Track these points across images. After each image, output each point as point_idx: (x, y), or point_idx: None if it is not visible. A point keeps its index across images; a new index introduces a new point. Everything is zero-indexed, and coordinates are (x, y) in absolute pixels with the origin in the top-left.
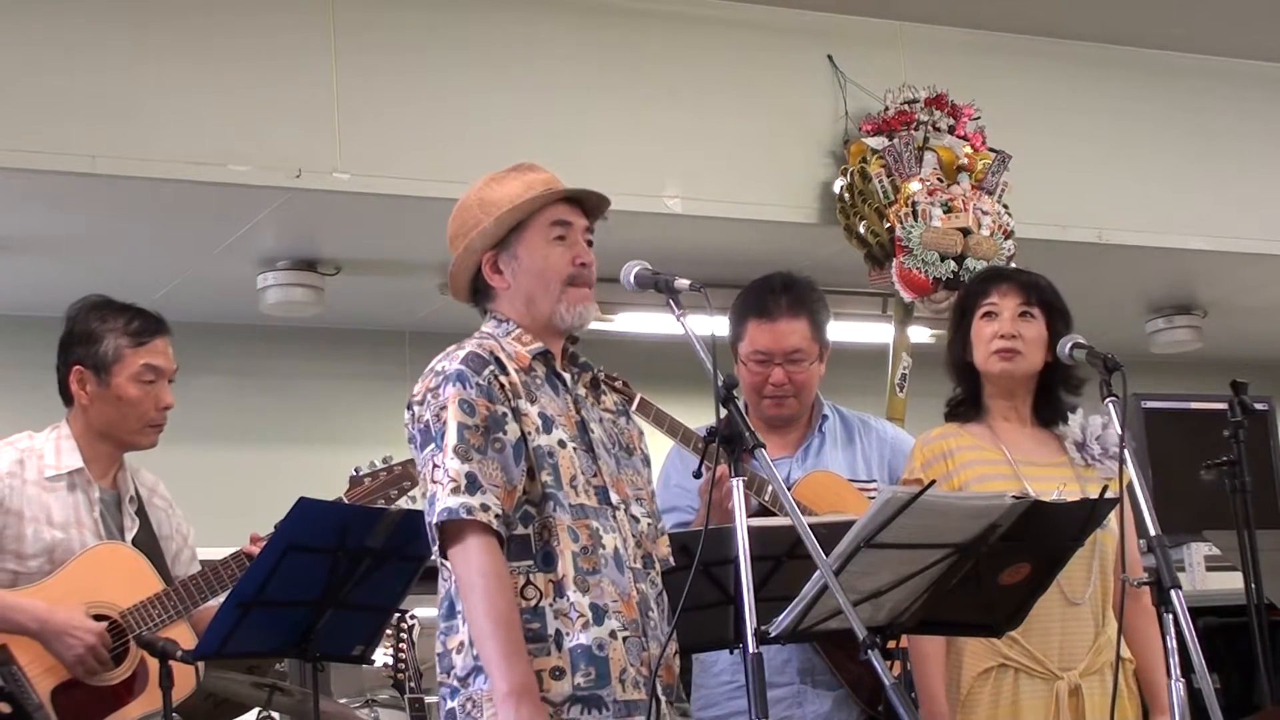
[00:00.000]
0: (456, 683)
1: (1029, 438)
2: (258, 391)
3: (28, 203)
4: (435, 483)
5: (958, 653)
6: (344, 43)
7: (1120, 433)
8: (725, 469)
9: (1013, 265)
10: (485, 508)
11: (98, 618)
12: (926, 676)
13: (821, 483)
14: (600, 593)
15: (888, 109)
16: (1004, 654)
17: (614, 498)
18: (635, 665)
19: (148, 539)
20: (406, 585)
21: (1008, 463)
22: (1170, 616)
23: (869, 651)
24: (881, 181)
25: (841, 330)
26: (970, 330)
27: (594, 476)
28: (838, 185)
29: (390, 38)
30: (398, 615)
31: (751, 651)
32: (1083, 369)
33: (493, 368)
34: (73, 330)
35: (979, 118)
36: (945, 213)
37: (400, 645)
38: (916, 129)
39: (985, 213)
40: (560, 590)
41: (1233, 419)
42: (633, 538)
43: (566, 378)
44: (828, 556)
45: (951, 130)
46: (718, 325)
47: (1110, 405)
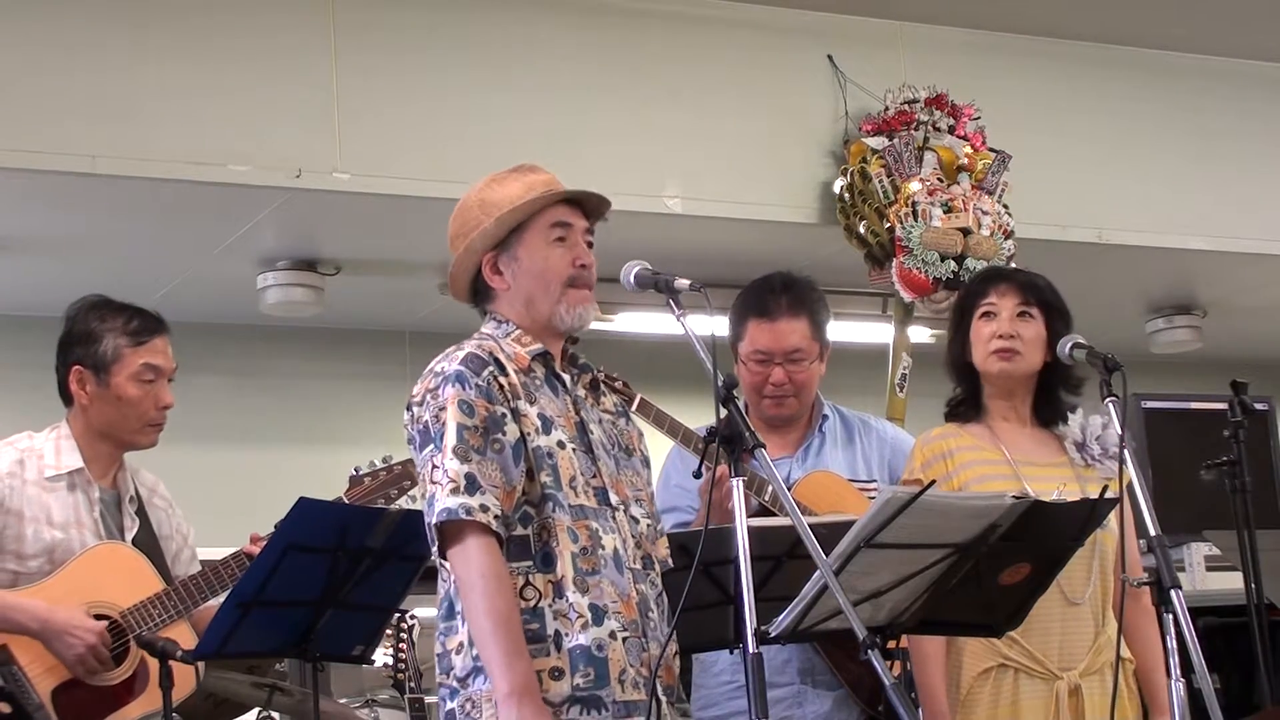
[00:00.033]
0: (456, 683)
1: (1029, 438)
2: (258, 391)
3: (28, 203)
4: (434, 483)
5: (957, 653)
6: (344, 43)
7: (1120, 433)
8: (725, 469)
9: (1013, 265)
10: (484, 508)
11: (98, 617)
12: (927, 676)
13: (821, 483)
14: (600, 593)
15: (888, 109)
16: (1004, 654)
17: (613, 499)
18: (635, 666)
19: (148, 539)
20: (406, 585)
21: (1007, 463)
22: (1170, 616)
23: (869, 651)
24: (881, 181)
25: (841, 330)
26: (969, 330)
27: (593, 477)
28: (838, 185)
29: (390, 38)
30: (398, 615)
31: (751, 651)
32: (1082, 369)
33: (492, 369)
34: (72, 330)
35: (979, 118)
36: (945, 213)
37: (400, 645)
38: (916, 129)
39: (985, 213)
40: (559, 591)
41: (1233, 419)
42: (632, 539)
43: (566, 379)
44: (828, 556)
45: (951, 130)
46: (718, 325)
47: (1110, 405)
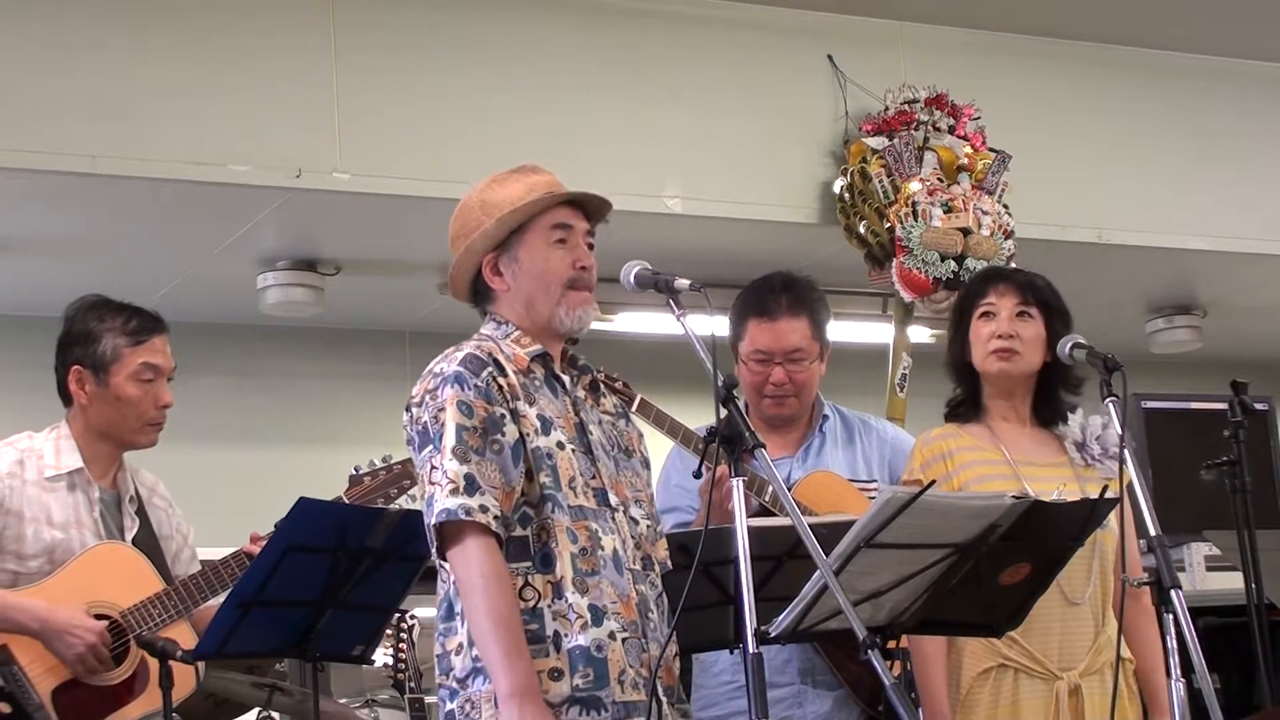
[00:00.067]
0: (455, 684)
1: (1028, 438)
2: (258, 391)
3: (28, 203)
4: (433, 484)
5: (957, 653)
6: (344, 43)
7: (1120, 433)
8: (725, 469)
9: (1013, 265)
10: (484, 509)
11: (98, 617)
12: (927, 676)
13: (822, 483)
14: (599, 594)
15: (888, 109)
16: (1004, 654)
17: (613, 499)
18: (635, 667)
19: (148, 539)
20: (406, 585)
21: (1007, 463)
22: (1170, 616)
23: (869, 651)
24: (881, 181)
25: (841, 330)
26: (969, 330)
27: (593, 478)
28: (838, 185)
29: (390, 38)
30: (398, 615)
31: (751, 651)
32: (1082, 369)
33: (491, 369)
34: (71, 330)
35: (979, 118)
36: (945, 213)
37: (400, 645)
38: (916, 129)
39: (985, 213)
40: (559, 591)
41: (1233, 419)
42: (632, 539)
43: (565, 380)
44: (828, 556)
45: (951, 130)
46: (718, 325)
47: (1110, 405)
